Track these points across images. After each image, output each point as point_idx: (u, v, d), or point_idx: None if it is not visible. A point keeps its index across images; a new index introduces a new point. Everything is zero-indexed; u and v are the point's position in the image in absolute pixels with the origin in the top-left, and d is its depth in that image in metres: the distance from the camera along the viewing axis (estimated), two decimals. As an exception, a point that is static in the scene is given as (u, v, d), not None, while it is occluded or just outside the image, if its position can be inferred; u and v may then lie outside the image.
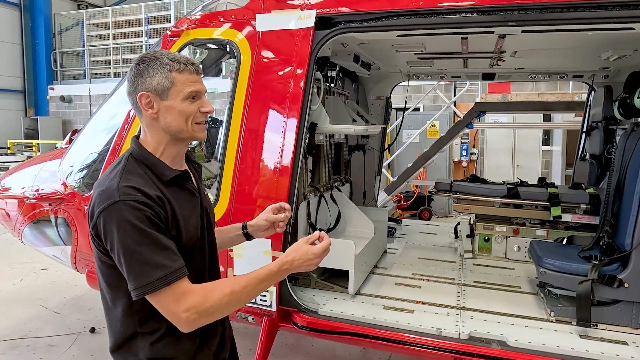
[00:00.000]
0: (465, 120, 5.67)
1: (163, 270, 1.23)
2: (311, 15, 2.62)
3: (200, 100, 1.39)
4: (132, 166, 1.35)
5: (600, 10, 2.22)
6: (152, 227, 1.26)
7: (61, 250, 3.52)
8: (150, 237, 1.24)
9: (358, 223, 3.60)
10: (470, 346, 2.37)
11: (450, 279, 3.30)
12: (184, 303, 1.25)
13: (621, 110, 3.33)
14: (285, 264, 1.40)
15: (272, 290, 2.59)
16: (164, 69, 1.34)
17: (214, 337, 1.52)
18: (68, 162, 3.50)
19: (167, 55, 1.36)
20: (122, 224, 1.23)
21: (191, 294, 1.26)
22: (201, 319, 1.28)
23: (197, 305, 1.26)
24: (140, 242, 1.23)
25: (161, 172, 1.37)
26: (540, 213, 3.77)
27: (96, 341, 3.94)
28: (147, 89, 1.35)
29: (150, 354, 1.37)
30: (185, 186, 1.44)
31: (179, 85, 1.35)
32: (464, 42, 3.18)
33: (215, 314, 1.30)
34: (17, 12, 15.52)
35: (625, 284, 2.46)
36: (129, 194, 1.26)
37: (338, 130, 3.37)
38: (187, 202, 1.42)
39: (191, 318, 1.25)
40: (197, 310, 1.25)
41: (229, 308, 1.33)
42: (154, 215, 1.27)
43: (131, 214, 1.23)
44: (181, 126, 1.38)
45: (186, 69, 1.36)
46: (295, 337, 3.88)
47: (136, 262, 1.23)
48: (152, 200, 1.28)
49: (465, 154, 9.44)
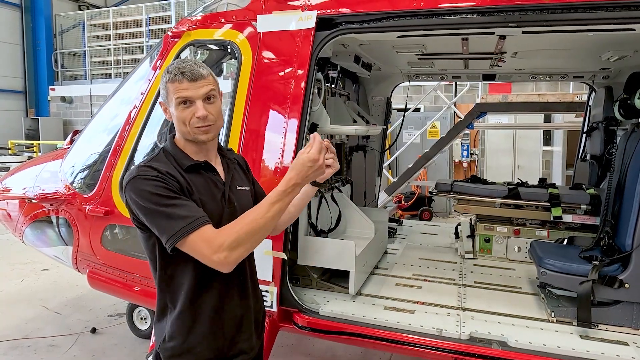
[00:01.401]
0: (466, 121, 5.68)
1: (186, 220, 1.38)
2: (312, 16, 2.62)
3: (194, 106, 1.50)
4: (161, 156, 1.55)
5: (601, 11, 2.23)
6: (169, 191, 1.42)
7: (62, 251, 3.53)
8: (168, 198, 1.41)
9: (359, 223, 3.60)
10: (471, 346, 2.37)
11: (450, 280, 3.31)
12: (212, 245, 1.37)
13: (622, 110, 3.33)
14: (291, 179, 1.46)
15: (273, 290, 2.59)
16: (164, 80, 1.52)
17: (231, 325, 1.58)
18: (69, 163, 3.50)
19: (171, 66, 1.52)
20: (141, 193, 1.41)
21: (216, 235, 1.39)
22: (232, 254, 1.39)
23: (223, 243, 1.38)
24: (160, 203, 1.40)
25: (181, 161, 1.54)
26: (541, 214, 3.77)
27: (97, 341, 3.95)
28: (161, 97, 1.57)
29: (170, 332, 1.52)
30: (207, 175, 1.57)
31: (171, 94, 1.51)
32: (464, 43, 3.19)
33: (243, 245, 1.40)
34: (18, 12, 15.55)
35: (625, 284, 2.46)
36: (146, 171, 1.45)
37: (339, 130, 3.38)
38: (206, 189, 1.55)
39: (222, 256, 1.37)
40: (224, 247, 1.37)
41: (254, 236, 1.42)
42: (168, 184, 1.43)
43: (146, 184, 1.42)
44: (182, 129, 1.53)
45: (176, 78, 1.48)
46: (295, 337, 3.88)
47: (161, 219, 1.39)
48: (166, 175, 1.45)
49: (466, 154, 9.45)
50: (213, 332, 1.54)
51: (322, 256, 2.93)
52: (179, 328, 1.51)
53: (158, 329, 1.57)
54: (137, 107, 3.08)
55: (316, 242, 2.99)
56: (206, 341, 1.53)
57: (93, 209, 3.09)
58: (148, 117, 3.04)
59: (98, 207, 3.08)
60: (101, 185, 3.11)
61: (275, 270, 2.58)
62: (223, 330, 1.56)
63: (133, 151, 3.05)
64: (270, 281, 2.59)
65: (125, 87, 3.47)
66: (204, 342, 1.53)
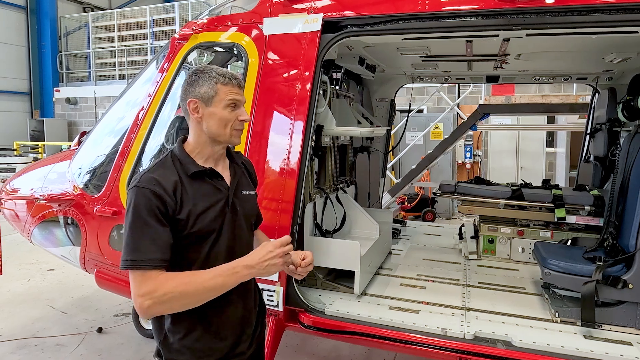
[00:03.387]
0: (469, 122, 5.69)
1: (141, 254, 1.39)
2: (318, 19, 2.65)
3: (239, 110, 1.59)
4: (168, 160, 1.57)
5: (604, 14, 2.24)
6: (152, 217, 1.42)
7: (70, 251, 3.57)
8: (145, 224, 1.41)
9: (363, 224, 3.63)
10: (476, 346, 2.39)
11: (455, 280, 3.32)
12: (142, 288, 1.37)
13: (625, 112, 3.35)
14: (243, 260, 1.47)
15: (279, 290, 2.62)
16: (211, 81, 1.55)
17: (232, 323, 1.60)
18: (77, 164, 3.54)
19: (215, 70, 1.57)
20: (131, 204, 1.44)
21: (150, 280, 1.38)
22: (155, 307, 1.38)
23: (152, 292, 1.36)
24: (136, 225, 1.42)
25: (187, 167, 1.56)
26: (545, 215, 3.78)
27: (103, 341, 3.99)
28: (195, 96, 1.56)
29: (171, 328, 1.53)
30: (211, 182, 1.59)
31: (221, 95, 1.56)
32: (468, 45, 3.21)
33: (170, 302, 1.39)
34: (23, 15, 15.64)
35: (629, 285, 2.48)
36: (146, 182, 1.46)
37: (344, 132, 3.41)
38: (208, 196, 1.56)
39: (145, 304, 1.36)
40: (151, 296, 1.36)
41: (184, 299, 1.40)
42: (160, 207, 1.44)
43: (139, 199, 1.43)
44: (220, 130, 1.57)
45: (229, 82, 1.57)
46: (300, 338, 3.91)
47: (127, 238, 1.42)
48: (164, 190, 1.45)
49: (469, 155, 9.45)
50: (214, 332, 1.56)
51: (327, 256, 2.96)
52: (180, 326, 1.53)
53: (157, 325, 1.58)
54: (144, 109, 3.12)
55: (321, 243, 3.02)
56: (207, 340, 1.54)
57: (101, 209, 3.13)
58: (155, 119, 3.07)
59: (106, 207, 3.12)
60: (109, 186, 3.14)
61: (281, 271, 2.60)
62: (224, 330, 1.58)
63: (140, 153, 3.08)
64: (277, 281, 2.62)
65: (132, 89, 3.51)
66: (205, 341, 1.54)
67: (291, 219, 2.57)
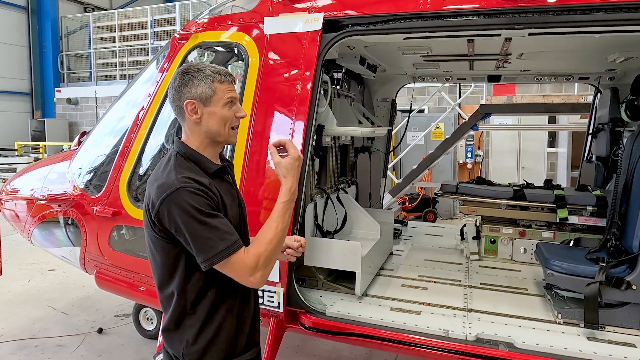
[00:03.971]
0: (470, 122, 5.67)
1: (225, 242, 1.42)
2: (318, 18, 2.63)
3: (236, 106, 1.58)
4: (181, 162, 1.53)
5: (607, 13, 2.23)
6: (210, 209, 1.44)
7: (70, 251, 3.56)
8: (210, 216, 1.42)
9: (364, 225, 3.61)
10: (478, 348, 2.37)
11: (456, 281, 3.31)
12: (248, 268, 1.44)
13: (628, 112, 3.33)
14: (291, 187, 1.56)
15: (280, 291, 2.61)
16: (208, 79, 1.52)
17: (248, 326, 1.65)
18: (77, 164, 3.53)
19: (209, 68, 1.54)
20: (185, 207, 1.41)
21: (249, 257, 1.45)
22: (265, 273, 1.48)
23: (256, 264, 1.45)
24: (203, 221, 1.41)
25: (206, 166, 1.55)
26: (547, 215, 3.76)
27: (104, 342, 3.98)
28: (193, 96, 1.52)
29: (194, 336, 1.53)
30: (225, 179, 1.63)
31: (220, 93, 1.53)
32: (470, 45, 3.19)
33: (272, 261, 1.50)
34: (24, 15, 15.66)
35: (633, 286, 2.46)
36: (187, 182, 1.44)
37: (345, 132, 3.39)
38: (228, 192, 1.60)
39: (258, 276, 1.45)
40: (259, 267, 1.45)
41: (278, 250, 1.53)
42: (210, 200, 1.45)
43: (191, 199, 1.41)
44: (220, 130, 1.55)
45: (225, 80, 1.55)
46: (301, 339, 3.89)
47: (202, 238, 1.41)
48: (206, 188, 1.46)
49: (470, 155, 9.43)
50: (235, 335, 1.58)
51: (328, 257, 2.94)
52: (204, 332, 1.53)
53: (178, 334, 1.55)
54: (144, 109, 3.11)
55: (322, 243, 3.00)
56: (229, 343, 1.57)
57: (101, 209, 3.12)
58: (155, 119, 3.06)
59: (106, 208, 3.11)
60: (109, 187, 3.13)
61: (282, 271, 2.59)
62: (243, 331, 1.62)
63: (140, 153, 3.08)
64: (277, 282, 2.61)
65: (132, 89, 3.50)
66: (228, 344, 1.56)
67: (292, 220, 2.56)
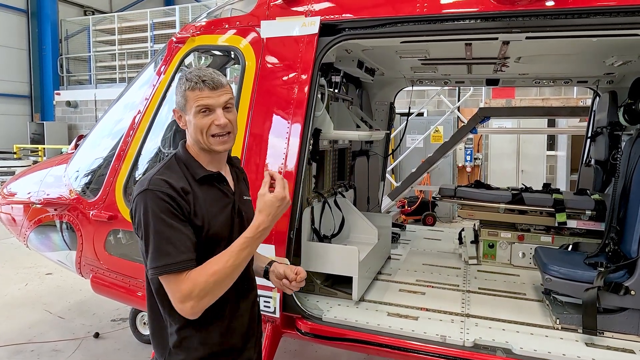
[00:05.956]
0: (470, 126, 5.66)
1: (172, 257, 1.36)
2: (315, 22, 2.63)
3: (214, 114, 1.49)
4: (173, 164, 1.53)
5: (605, 17, 2.22)
6: (172, 218, 1.39)
7: (66, 255, 3.54)
8: (168, 226, 1.38)
9: (362, 229, 3.60)
10: (475, 354, 2.35)
11: (454, 286, 3.29)
12: (180, 291, 1.36)
13: (626, 116, 3.31)
14: (260, 224, 1.43)
15: (276, 296, 2.59)
16: (182, 87, 1.50)
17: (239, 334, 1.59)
18: (74, 168, 3.52)
19: (190, 74, 1.50)
20: (146, 210, 1.39)
21: (185, 281, 1.36)
22: (199, 304, 1.37)
23: (190, 293, 1.35)
24: (158, 229, 1.37)
25: (194, 171, 1.52)
26: (545, 219, 3.75)
27: (100, 346, 3.95)
28: (176, 104, 1.55)
29: (175, 343, 1.49)
30: (218, 186, 1.57)
31: (190, 102, 1.49)
32: (467, 48, 3.19)
33: (211, 294, 1.38)
34: (24, 18, 15.68)
35: (631, 291, 2.44)
36: (157, 185, 1.41)
37: (342, 136, 3.38)
38: (217, 201, 1.54)
39: (189, 305, 1.36)
40: (191, 297, 1.35)
41: (221, 284, 1.40)
42: (176, 207, 1.40)
43: (154, 202, 1.39)
44: (198, 138, 1.51)
45: (197, 87, 1.47)
46: (298, 343, 3.87)
47: (152, 244, 1.38)
48: (176, 193, 1.42)
49: (469, 159, 9.42)
50: (221, 342, 1.53)
51: (325, 262, 2.93)
52: (186, 339, 1.48)
53: (159, 339, 1.53)
54: (141, 112, 3.10)
55: (319, 248, 2.98)
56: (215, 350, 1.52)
57: (97, 213, 3.10)
58: (152, 122, 3.05)
59: (102, 212, 3.09)
60: (105, 190, 3.12)
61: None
62: (232, 340, 1.56)
63: (137, 156, 3.06)
64: (273, 287, 2.57)
65: (129, 92, 3.49)
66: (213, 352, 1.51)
67: (288, 224, 2.55)
